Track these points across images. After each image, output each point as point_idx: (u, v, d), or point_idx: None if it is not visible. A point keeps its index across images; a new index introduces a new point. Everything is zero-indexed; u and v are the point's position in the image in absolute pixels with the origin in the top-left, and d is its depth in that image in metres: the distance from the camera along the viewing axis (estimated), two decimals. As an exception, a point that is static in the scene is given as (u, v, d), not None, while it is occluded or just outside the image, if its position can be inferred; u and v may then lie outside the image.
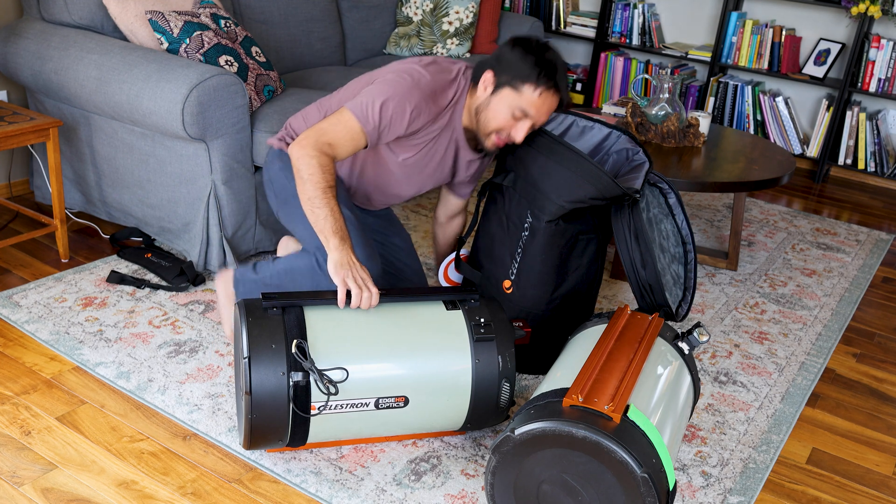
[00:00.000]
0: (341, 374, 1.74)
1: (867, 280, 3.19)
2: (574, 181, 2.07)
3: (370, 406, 1.79)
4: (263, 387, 1.70)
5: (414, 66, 2.02)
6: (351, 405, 1.77)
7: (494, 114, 2.01)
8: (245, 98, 2.54)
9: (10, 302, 2.43)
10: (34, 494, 1.74)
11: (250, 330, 1.73)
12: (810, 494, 1.99)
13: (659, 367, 1.78)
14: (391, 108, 1.94)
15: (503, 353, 1.85)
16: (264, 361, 1.70)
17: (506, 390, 1.86)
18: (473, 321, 1.86)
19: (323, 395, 1.73)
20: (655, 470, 1.51)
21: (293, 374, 1.70)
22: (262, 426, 1.73)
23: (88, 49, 2.60)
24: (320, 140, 1.92)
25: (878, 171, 4.28)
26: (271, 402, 1.70)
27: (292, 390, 1.71)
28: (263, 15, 3.30)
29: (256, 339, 1.72)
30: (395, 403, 1.80)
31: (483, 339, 1.84)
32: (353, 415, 1.79)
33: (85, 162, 2.82)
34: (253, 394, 1.69)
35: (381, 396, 1.79)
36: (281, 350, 1.71)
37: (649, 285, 2.04)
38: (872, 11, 4.01)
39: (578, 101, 5.05)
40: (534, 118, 2.01)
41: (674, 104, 3.15)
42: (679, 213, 2.35)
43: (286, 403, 1.71)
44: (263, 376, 1.69)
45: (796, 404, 2.32)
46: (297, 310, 1.79)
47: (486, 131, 2.04)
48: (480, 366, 1.84)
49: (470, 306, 1.90)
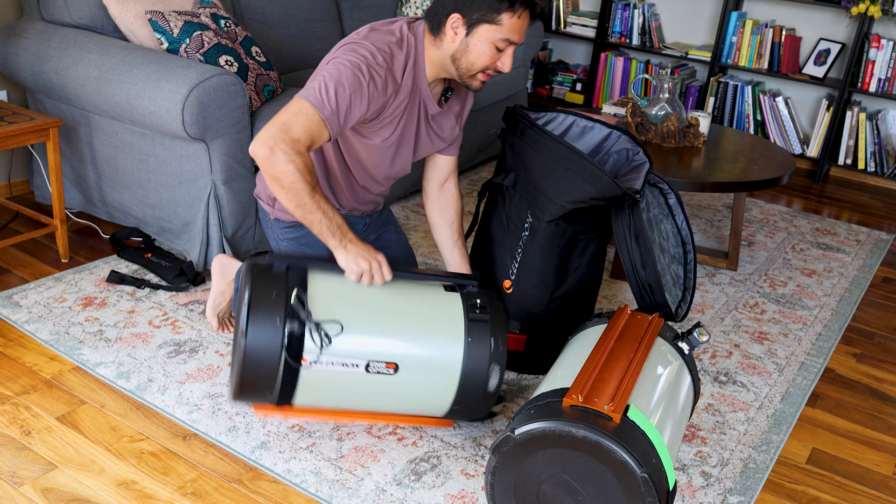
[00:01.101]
0: (336, 328, 1.77)
1: (867, 280, 3.19)
2: (574, 181, 2.07)
3: (360, 368, 1.79)
4: (259, 332, 1.72)
5: (355, 41, 1.87)
6: (342, 364, 1.78)
7: (478, 54, 1.89)
8: (245, 98, 2.54)
9: (10, 302, 2.43)
10: (34, 494, 1.74)
11: (254, 279, 1.77)
12: (810, 494, 1.99)
13: (659, 367, 1.78)
14: (347, 90, 1.79)
15: (496, 337, 1.85)
16: (263, 308, 1.73)
17: (495, 374, 1.85)
18: (470, 302, 1.88)
19: (315, 350, 1.75)
20: (655, 470, 1.51)
21: (289, 323, 1.73)
22: (253, 372, 1.75)
23: (88, 49, 2.60)
24: (287, 137, 1.73)
25: (878, 171, 4.28)
26: (265, 348, 1.73)
27: (286, 339, 1.73)
28: (263, 15, 3.30)
29: (258, 287, 1.75)
30: (386, 369, 1.81)
31: (477, 319, 1.85)
32: (342, 376, 1.80)
33: (85, 162, 2.82)
34: (248, 337, 1.72)
35: (373, 360, 1.80)
36: (281, 300, 1.75)
37: (649, 286, 2.04)
38: (872, 11, 4.01)
39: (578, 101, 5.05)
40: (518, 40, 1.90)
41: (674, 104, 3.15)
42: (679, 213, 2.35)
43: (279, 351, 1.73)
44: (260, 322, 1.72)
45: (796, 404, 2.32)
46: (301, 269, 1.83)
47: (472, 73, 1.92)
48: (472, 345, 1.84)
49: (468, 290, 1.94)
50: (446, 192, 2.24)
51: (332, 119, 1.78)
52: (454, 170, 2.23)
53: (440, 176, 2.22)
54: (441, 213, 2.24)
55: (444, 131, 2.11)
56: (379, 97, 1.85)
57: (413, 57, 1.92)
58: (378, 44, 1.86)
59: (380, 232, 2.32)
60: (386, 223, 2.34)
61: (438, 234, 2.26)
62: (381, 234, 2.32)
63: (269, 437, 1.97)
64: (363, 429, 2.03)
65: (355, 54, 1.82)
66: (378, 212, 2.30)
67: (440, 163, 2.21)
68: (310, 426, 2.02)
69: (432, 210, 2.25)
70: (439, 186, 2.23)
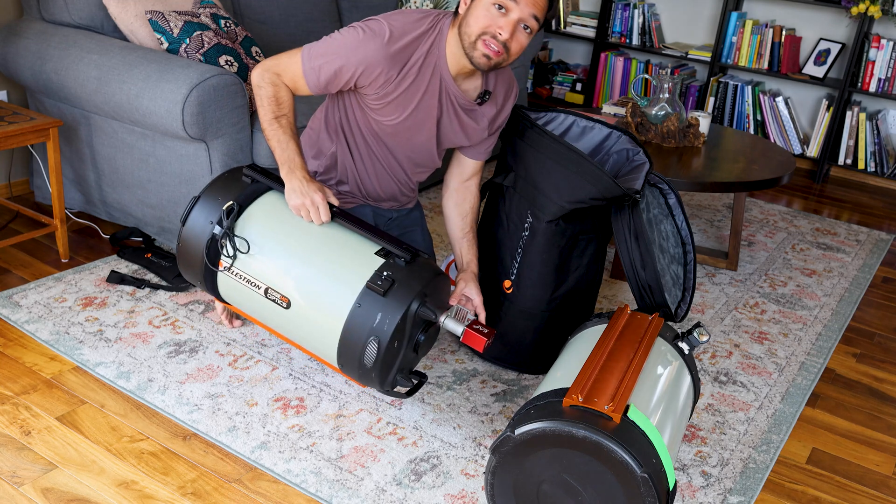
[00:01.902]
0: (245, 246, 1.92)
1: (867, 280, 3.19)
2: (575, 181, 2.07)
3: (260, 291, 1.93)
4: (193, 225, 1.96)
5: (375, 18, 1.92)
6: (246, 280, 1.94)
7: (475, 17, 1.85)
8: (245, 98, 2.54)
9: (10, 302, 2.43)
10: (34, 494, 1.74)
11: (216, 181, 1.99)
12: (810, 494, 1.99)
13: (659, 367, 1.78)
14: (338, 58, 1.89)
15: (385, 313, 1.80)
16: (205, 207, 1.95)
17: (371, 349, 1.81)
18: (380, 272, 1.84)
19: (227, 260, 1.94)
20: (655, 470, 1.51)
21: (216, 228, 1.93)
22: (185, 259, 2.00)
23: (88, 49, 2.60)
24: (274, 69, 1.95)
25: (878, 171, 4.28)
26: (194, 241, 1.96)
27: (209, 240, 1.93)
28: (263, 15, 3.30)
29: (213, 188, 1.98)
30: (280, 301, 1.90)
31: (374, 289, 1.81)
32: (247, 291, 1.95)
33: (85, 162, 2.82)
34: (185, 227, 1.96)
35: (271, 288, 1.91)
36: (221, 205, 1.94)
37: (649, 286, 2.04)
38: (872, 11, 4.01)
39: (578, 101, 5.05)
40: (520, 9, 1.83)
41: (674, 104, 3.15)
42: (679, 213, 2.35)
43: (202, 249, 1.95)
44: (197, 217, 1.95)
45: (796, 404, 2.32)
46: (262, 186, 1.99)
47: (471, 40, 1.86)
48: (359, 310, 1.81)
49: (394, 262, 1.87)
50: (466, 189, 2.23)
51: (311, 76, 1.93)
52: (478, 172, 2.23)
53: (463, 174, 2.22)
54: (456, 206, 2.23)
55: (469, 128, 2.08)
56: (371, 73, 1.90)
57: (433, 44, 1.93)
58: (394, 22, 1.91)
59: (405, 230, 2.32)
60: (414, 224, 2.34)
61: (450, 226, 2.24)
62: (406, 232, 2.32)
63: (269, 437, 1.97)
64: (363, 429, 2.03)
65: (367, 29, 1.90)
66: (408, 210, 2.31)
67: (465, 163, 2.21)
68: (310, 426, 2.02)
69: (448, 202, 2.24)
70: (461, 182, 2.23)
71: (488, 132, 2.13)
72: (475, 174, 2.23)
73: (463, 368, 2.33)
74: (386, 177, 2.15)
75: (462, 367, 2.33)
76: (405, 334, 1.84)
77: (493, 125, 2.12)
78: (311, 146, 2.18)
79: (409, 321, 1.83)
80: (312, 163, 2.17)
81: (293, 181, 1.90)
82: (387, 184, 2.17)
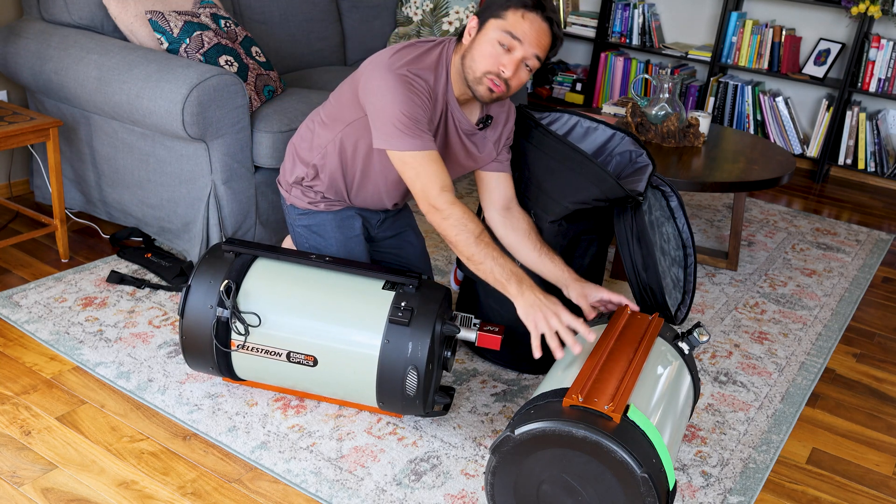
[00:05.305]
0: (255, 320, 1.91)
1: (867, 280, 3.19)
2: (578, 182, 2.06)
3: (282, 357, 1.92)
4: (193, 314, 1.93)
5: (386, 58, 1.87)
6: (265, 351, 1.93)
7: (480, 51, 1.84)
8: (245, 98, 2.54)
9: (10, 302, 2.43)
10: (34, 494, 1.74)
11: (200, 265, 1.97)
12: (810, 494, 1.99)
13: (659, 367, 1.78)
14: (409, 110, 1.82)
15: (415, 341, 1.86)
16: (200, 293, 1.93)
17: (412, 378, 1.86)
18: (396, 304, 1.89)
19: (239, 337, 1.92)
20: (655, 470, 1.51)
21: (219, 310, 1.90)
22: (192, 350, 1.96)
23: (88, 49, 2.60)
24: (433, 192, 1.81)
25: (878, 171, 4.29)
26: (198, 329, 1.93)
27: (216, 323, 1.90)
28: (263, 15, 3.30)
29: (202, 272, 1.95)
30: (306, 361, 1.91)
31: (397, 321, 1.86)
32: (268, 361, 1.94)
33: (85, 162, 2.82)
34: (184, 318, 1.93)
35: (293, 351, 1.91)
36: (216, 287, 1.92)
37: (650, 288, 2.04)
38: (872, 11, 4.01)
39: (578, 101, 5.05)
40: (524, 48, 1.82)
41: (674, 104, 3.15)
42: (680, 216, 2.35)
43: (210, 334, 1.92)
44: (195, 305, 1.93)
45: (796, 404, 2.32)
46: (248, 257, 1.99)
47: (475, 75, 1.86)
48: (389, 346, 1.86)
49: (404, 290, 1.92)
50: (512, 213, 2.09)
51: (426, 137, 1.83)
52: (512, 194, 2.10)
53: (500, 198, 2.09)
54: (513, 230, 2.07)
55: (472, 153, 2.05)
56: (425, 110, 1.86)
57: (444, 71, 1.92)
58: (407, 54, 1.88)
59: (398, 231, 2.32)
60: (406, 225, 2.34)
61: (521, 254, 2.07)
62: (400, 233, 2.32)
63: (269, 437, 1.97)
64: (363, 429, 2.03)
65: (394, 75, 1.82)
66: (397, 210, 2.30)
67: (493, 181, 2.08)
68: (310, 426, 2.02)
69: (502, 231, 2.08)
70: (504, 209, 2.09)
71: (496, 151, 2.09)
72: (511, 198, 2.10)
73: (463, 368, 2.33)
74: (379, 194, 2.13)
75: (462, 367, 2.33)
76: (435, 355, 1.92)
77: (499, 145, 2.09)
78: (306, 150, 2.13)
79: (437, 342, 1.91)
80: (300, 168, 2.14)
81: (523, 298, 1.80)
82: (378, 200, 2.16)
